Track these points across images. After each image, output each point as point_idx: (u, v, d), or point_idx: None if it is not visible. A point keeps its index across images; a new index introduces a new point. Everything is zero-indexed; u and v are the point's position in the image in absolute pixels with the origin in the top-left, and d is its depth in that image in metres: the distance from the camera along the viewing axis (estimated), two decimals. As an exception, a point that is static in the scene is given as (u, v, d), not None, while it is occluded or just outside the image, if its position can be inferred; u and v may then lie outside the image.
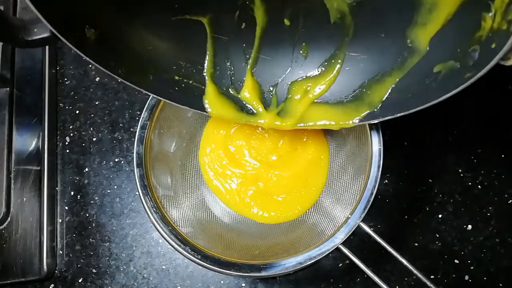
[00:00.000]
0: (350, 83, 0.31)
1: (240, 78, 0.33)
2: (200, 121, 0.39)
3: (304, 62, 0.33)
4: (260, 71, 0.33)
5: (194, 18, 0.30)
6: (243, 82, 0.33)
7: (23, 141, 0.43)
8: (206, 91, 0.32)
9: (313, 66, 0.33)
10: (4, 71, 0.44)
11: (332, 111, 0.32)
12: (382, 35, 0.29)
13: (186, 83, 0.32)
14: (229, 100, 0.33)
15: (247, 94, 0.33)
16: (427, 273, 0.37)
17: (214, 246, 0.31)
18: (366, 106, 0.30)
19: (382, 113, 0.29)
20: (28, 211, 0.40)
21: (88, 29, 0.26)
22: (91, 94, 0.46)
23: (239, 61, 0.33)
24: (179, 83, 0.32)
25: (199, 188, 0.38)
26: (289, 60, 0.33)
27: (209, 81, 0.33)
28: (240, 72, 0.33)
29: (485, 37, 0.22)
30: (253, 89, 0.33)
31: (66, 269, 0.40)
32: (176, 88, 0.31)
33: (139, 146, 0.33)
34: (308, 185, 0.37)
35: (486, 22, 0.22)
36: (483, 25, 0.22)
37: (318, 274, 0.38)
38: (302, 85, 0.33)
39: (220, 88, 0.33)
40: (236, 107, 0.33)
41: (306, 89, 0.33)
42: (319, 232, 0.33)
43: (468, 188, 0.40)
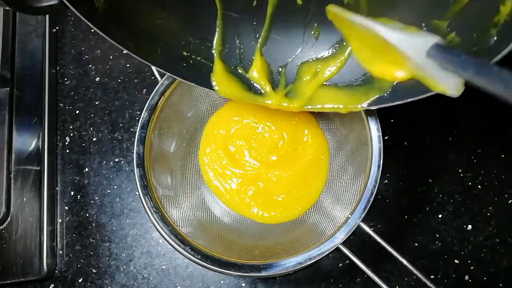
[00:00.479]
0: (361, 66, 0.30)
1: (249, 57, 0.33)
2: (200, 121, 0.39)
3: (315, 43, 0.32)
4: (269, 50, 0.33)
5: None
6: (252, 61, 0.33)
7: (23, 141, 0.43)
8: (214, 68, 0.32)
9: (324, 48, 0.32)
10: (4, 71, 0.44)
11: (341, 94, 0.31)
12: (396, 18, 0.28)
13: (194, 60, 0.31)
14: (237, 78, 0.32)
15: (255, 74, 0.33)
16: (427, 273, 0.37)
17: (214, 246, 0.31)
18: (376, 90, 0.29)
19: (392, 98, 0.28)
20: (28, 211, 0.40)
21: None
22: (91, 94, 0.46)
23: (248, 40, 0.33)
24: (187, 59, 0.31)
25: (199, 188, 0.38)
26: (300, 41, 0.33)
27: (217, 58, 0.32)
28: (249, 51, 0.33)
29: (502, 21, 0.21)
30: (262, 69, 0.33)
31: (66, 269, 0.40)
32: (184, 64, 0.31)
33: (139, 146, 0.33)
34: (308, 185, 0.37)
35: (505, 6, 0.21)
36: (502, 9, 0.21)
37: (318, 274, 0.38)
38: (312, 66, 0.32)
39: (228, 66, 0.33)
40: (244, 86, 0.32)
41: (316, 71, 0.32)
42: (319, 232, 0.33)
43: (468, 188, 0.40)
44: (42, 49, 0.46)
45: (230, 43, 0.32)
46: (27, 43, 0.46)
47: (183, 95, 0.36)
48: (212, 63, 0.32)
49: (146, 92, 0.45)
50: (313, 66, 0.32)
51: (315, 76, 0.32)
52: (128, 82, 0.46)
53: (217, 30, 0.32)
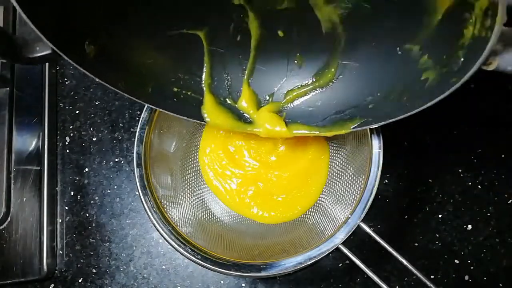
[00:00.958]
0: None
1: (237, 88, 0.34)
2: (200, 121, 0.39)
3: (299, 71, 0.34)
4: (256, 81, 0.34)
5: (191, 32, 0.31)
6: (240, 92, 0.34)
7: (23, 141, 0.43)
8: (204, 101, 0.33)
9: (307, 75, 0.33)
10: (4, 71, 0.44)
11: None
12: (373, 44, 0.29)
13: (184, 94, 0.33)
14: (226, 109, 0.34)
15: (244, 104, 0.34)
16: (427, 273, 0.37)
17: (214, 246, 0.31)
18: (358, 119, 0.31)
19: (374, 120, 0.30)
20: (28, 211, 0.40)
21: (88, 45, 0.26)
22: (91, 94, 0.46)
23: (236, 72, 0.34)
24: (178, 94, 0.32)
25: (199, 188, 0.38)
26: (284, 70, 0.34)
27: (207, 91, 0.33)
28: (237, 83, 0.34)
29: (467, 43, 0.23)
30: (250, 99, 0.34)
31: (66, 269, 0.40)
32: (175, 99, 0.32)
33: (139, 146, 0.33)
34: (308, 185, 0.37)
35: (468, 30, 0.22)
36: (465, 32, 0.23)
37: (318, 274, 0.38)
38: (298, 93, 0.34)
39: (218, 98, 0.34)
40: (234, 116, 0.34)
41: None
42: (319, 232, 0.33)
43: (468, 188, 0.40)
44: (42, 49, 0.46)
45: (218, 76, 0.34)
46: (27, 43, 0.46)
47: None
48: (202, 97, 0.33)
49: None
50: (299, 92, 0.34)
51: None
52: (128, 82, 0.46)
53: (205, 66, 0.33)
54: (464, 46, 0.23)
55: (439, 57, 0.25)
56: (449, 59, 0.24)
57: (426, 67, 0.26)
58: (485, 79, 0.36)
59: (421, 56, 0.27)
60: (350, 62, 0.31)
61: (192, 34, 0.31)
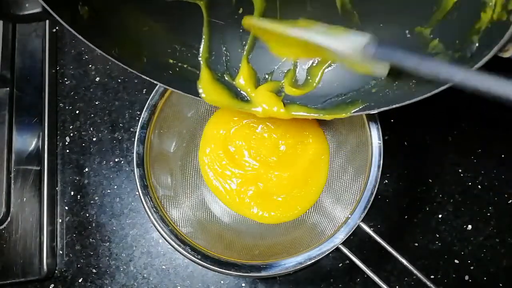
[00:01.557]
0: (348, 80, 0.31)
1: (235, 65, 0.33)
2: (200, 121, 0.39)
3: None
4: (256, 58, 0.33)
5: (190, 1, 0.30)
6: (238, 68, 0.33)
7: (23, 141, 0.43)
8: (200, 76, 0.32)
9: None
10: (4, 71, 0.44)
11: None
12: (381, 25, 0.28)
13: (180, 67, 0.31)
14: (223, 86, 0.32)
15: (242, 81, 0.33)
16: (427, 273, 0.37)
17: (214, 246, 0.31)
18: (360, 102, 0.30)
19: (377, 105, 0.29)
20: (28, 211, 0.40)
21: (81, 6, 0.25)
22: (91, 94, 0.46)
23: (235, 47, 0.33)
24: (173, 66, 0.31)
25: (199, 188, 0.38)
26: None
27: (204, 66, 0.32)
28: (236, 59, 0.33)
29: (484, 28, 0.22)
30: (249, 76, 0.33)
31: (66, 269, 0.40)
32: (170, 72, 0.31)
33: (139, 146, 0.33)
34: (308, 185, 0.37)
35: (486, 13, 0.21)
36: (483, 16, 0.22)
37: (318, 274, 0.38)
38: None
39: (215, 73, 0.33)
40: (231, 94, 0.32)
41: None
42: (319, 232, 0.33)
43: (468, 188, 0.40)
44: (42, 49, 0.46)
45: (216, 51, 0.33)
46: (27, 43, 0.46)
47: (183, 95, 0.36)
48: (198, 71, 0.32)
49: (146, 92, 0.45)
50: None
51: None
52: (128, 82, 0.46)
53: (203, 38, 0.32)
54: (480, 31, 0.22)
55: (452, 41, 0.24)
56: (462, 44, 0.23)
57: (437, 51, 0.25)
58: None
59: (432, 40, 0.25)
60: None
61: (192, 3, 0.30)
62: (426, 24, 0.26)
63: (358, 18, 0.29)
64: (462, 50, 0.23)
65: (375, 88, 0.29)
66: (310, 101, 0.32)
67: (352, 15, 0.29)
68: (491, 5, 0.21)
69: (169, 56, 0.31)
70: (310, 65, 0.33)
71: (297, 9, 0.31)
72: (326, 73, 0.32)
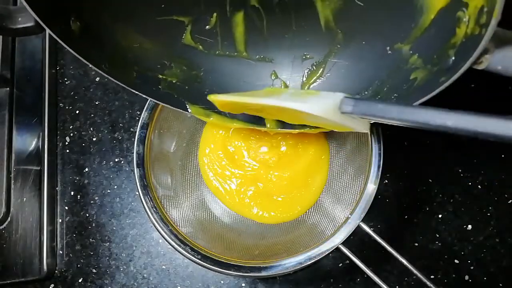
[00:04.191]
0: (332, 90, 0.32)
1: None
2: (200, 121, 0.39)
3: (292, 67, 0.33)
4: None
5: (178, 19, 0.31)
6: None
7: (23, 141, 0.43)
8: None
9: (300, 71, 0.33)
10: (4, 71, 0.44)
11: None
12: (363, 42, 0.29)
13: (169, 82, 0.32)
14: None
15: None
16: (427, 273, 0.37)
17: (214, 246, 0.31)
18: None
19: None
20: (28, 211, 0.40)
21: (73, 21, 0.26)
22: (91, 94, 0.46)
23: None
24: (162, 82, 0.32)
25: (199, 188, 0.38)
26: (270, 70, 0.34)
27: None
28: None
29: (459, 42, 0.22)
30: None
31: (66, 269, 0.40)
32: (160, 87, 0.31)
33: (139, 146, 0.33)
34: (308, 185, 0.37)
35: (461, 29, 0.22)
36: (458, 31, 0.22)
37: (318, 274, 0.38)
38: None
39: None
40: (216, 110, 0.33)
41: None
42: (319, 232, 0.33)
43: (468, 188, 0.40)
44: (42, 49, 0.46)
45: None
46: (27, 43, 0.46)
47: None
48: (187, 86, 0.33)
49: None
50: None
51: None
52: (128, 82, 0.46)
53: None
54: (455, 45, 0.23)
55: (430, 56, 0.25)
56: (439, 58, 0.24)
57: (416, 66, 0.26)
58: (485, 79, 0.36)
59: (411, 55, 0.26)
60: (339, 60, 0.31)
61: (180, 21, 0.31)
62: (406, 41, 0.27)
63: (341, 36, 0.30)
64: (439, 64, 0.24)
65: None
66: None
67: (335, 33, 0.30)
68: (465, 20, 0.22)
69: (159, 71, 0.32)
70: (301, 82, 0.33)
71: (283, 28, 0.31)
72: (311, 88, 0.33)
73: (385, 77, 0.28)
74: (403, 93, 0.27)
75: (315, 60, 0.32)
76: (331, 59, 0.31)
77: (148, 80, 0.31)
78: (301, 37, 0.32)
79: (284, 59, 0.33)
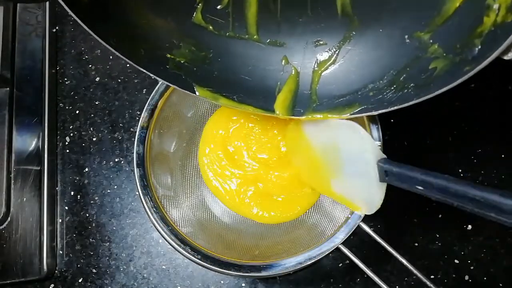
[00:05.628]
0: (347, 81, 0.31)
1: None
2: (200, 121, 0.39)
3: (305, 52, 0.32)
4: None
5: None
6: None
7: (23, 141, 0.43)
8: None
9: (312, 56, 0.32)
10: (4, 71, 0.44)
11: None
12: (380, 30, 0.28)
13: (177, 62, 0.31)
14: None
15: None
16: (427, 273, 0.37)
17: (214, 246, 0.31)
18: (358, 104, 0.30)
19: (374, 107, 0.28)
20: (28, 211, 0.40)
21: None
22: (91, 94, 0.46)
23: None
24: (170, 61, 0.31)
25: (199, 188, 0.38)
26: (281, 55, 0.33)
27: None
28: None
29: (487, 31, 0.22)
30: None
31: (66, 269, 0.40)
32: (167, 67, 0.31)
33: (139, 146, 0.33)
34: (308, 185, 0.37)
35: (489, 17, 0.21)
36: (485, 20, 0.22)
37: (318, 274, 0.38)
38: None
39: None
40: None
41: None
42: (319, 232, 0.33)
43: (468, 188, 0.40)
44: (42, 49, 0.46)
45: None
46: (27, 43, 0.46)
47: (183, 95, 0.36)
48: (195, 67, 0.32)
49: (146, 92, 0.45)
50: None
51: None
52: (128, 82, 0.46)
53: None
54: (482, 34, 0.22)
55: (452, 45, 0.24)
56: (463, 48, 0.23)
57: (436, 56, 0.25)
58: (485, 79, 0.36)
59: (431, 45, 0.26)
60: (354, 47, 0.30)
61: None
62: (426, 30, 0.26)
63: (357, 22, 0.29)
64: (463, 53, 0.23)
65: (373, 92, 0.29)
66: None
67: (352, 19, 0.29)
68: (495, 8, 0.21)
69: (168, 50, 0.31)
70: (312, 69, 0.32)
71: (297, 11, 0.31)
72: (323, 75, 0.32)
73: (402, 66, 0.27)
74: (420, 82, 0.26)
75: (328, 47, 0.31)
76: (345, 46, 0.30)
77: (155, 58, 0.30)
78: (316, 22, 0.31)
79: (297, 44, 0.32)
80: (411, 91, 0.26)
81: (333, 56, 0.31)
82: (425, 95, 0.25)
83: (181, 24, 0.31)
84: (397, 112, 0.28)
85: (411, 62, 0.27)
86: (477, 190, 0.20)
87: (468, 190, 0.20)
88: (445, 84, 0.23)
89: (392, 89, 0.28)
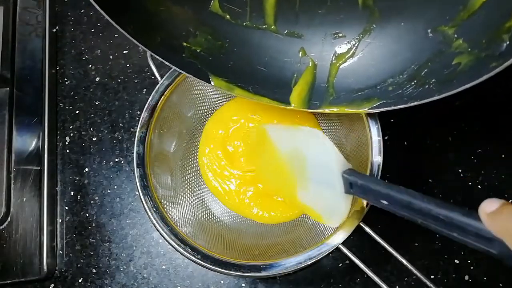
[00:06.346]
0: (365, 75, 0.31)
1: None
2: (200, 121, 0.39)
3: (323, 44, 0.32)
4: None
5: None
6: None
7: (23, 141, 0.43)
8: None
9: (330, 49, 0.32)
10: (4, 71, 0.44)
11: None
12: (402, 24, 0.28)
13: (193, 51, 0.31)
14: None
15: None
16: (427, 273, 0.37)
17: (214, 246, 0.31)
18: (377, 99, 0.29)
19: (394, 102, 0.28)
20: (28, 211, 0.40)
21: None
22: (91, 94, 0.46)
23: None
24: (186, 50, 0.31)
25: (199, 188, 0.38)
26: (299, 46, 0.32)
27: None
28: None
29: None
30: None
31: (66, 269, 0.40)
32: (183, 55, 0.31)
33: (139, 146, 0.33)
34: (308, 185, 0.37)
35: None
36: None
37: (318, 274, 0.38)
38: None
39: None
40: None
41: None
42: (319, 232, 0.33)
43: (468, 188, 0.40)
44: (42, 49, 0.46)
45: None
46: (27, 43, 0.46)
47: (183, 95, 0.36)
48: (211, 56, 0.32)
49: (146, 92, 0.45)
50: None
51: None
52: (128, 82, 0.46)
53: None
54: (511, 30, 0.21)
55: (477, 41, 0.23)
56: (489, 43, 0.22)
57: (460, 51, 0.24)
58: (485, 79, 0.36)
59: (456, 39, 0.25)
60: (374, 41, 0.30)
61: None
62: (451, 24, 0.25)
63: (378, 15, 0.29)
64: (489, 49, 0.22)
65: (392, 86, 0.28)
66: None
67: (373, 11, 0.29)
68: None
69: (184, 39, 0.31)
70: (330, 61, 0.32)
71: (317, 2, 0.30)
72: (341, 68, 0.31)
73: (424, 61, 0.27)
74: (442, 78, 0.25)
75: (347, 39, 0.31)
76: (365, 39, 0.30)
77: (172, 46, 0.30)
78: (335, 14, 0.30)
79: (315, 36, 0.31)
80: (432, 87, 0.25)
81: (352, 49, 0.31)
82: (448, 91, 0.24)
83: (198, 12, 0.31)
84: (397, 112, 0.28)
85: (434, 56, 0.26)
86: (441, 208, 0.19)
87: (432, 208, 0.20)
88: (469, 80, 0.22)
89: (413, 84, 0.27)
